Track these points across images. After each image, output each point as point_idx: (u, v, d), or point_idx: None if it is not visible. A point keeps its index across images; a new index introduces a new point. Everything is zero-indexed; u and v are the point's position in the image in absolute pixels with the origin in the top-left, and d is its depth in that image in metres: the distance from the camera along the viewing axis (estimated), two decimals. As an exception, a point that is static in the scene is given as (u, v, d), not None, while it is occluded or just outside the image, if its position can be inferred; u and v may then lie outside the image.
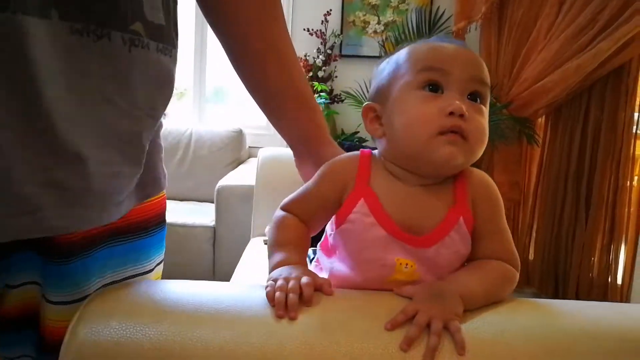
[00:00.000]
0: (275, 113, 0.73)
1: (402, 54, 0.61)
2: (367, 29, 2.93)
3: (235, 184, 2.40)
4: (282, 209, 0.65)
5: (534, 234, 2.77)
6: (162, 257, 0.70)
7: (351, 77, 2.90)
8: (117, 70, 0.49)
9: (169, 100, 0.58)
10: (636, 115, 2.48)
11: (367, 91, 2.91)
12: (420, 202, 0.58)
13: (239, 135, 2.91)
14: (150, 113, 0.55)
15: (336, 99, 2.88)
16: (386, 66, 0.63)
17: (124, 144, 0.53)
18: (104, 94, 0.48)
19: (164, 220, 0.68)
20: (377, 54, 2.92)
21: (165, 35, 0.54)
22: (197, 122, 3.10)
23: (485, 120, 0.57)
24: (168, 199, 0.70)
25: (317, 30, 2.87)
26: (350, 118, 2.88)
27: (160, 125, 0.64)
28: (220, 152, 2.85)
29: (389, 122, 0.60)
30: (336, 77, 2.94)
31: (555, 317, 0.53)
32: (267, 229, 0.68)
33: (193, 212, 2.52)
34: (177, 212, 2.47)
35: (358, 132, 2.86)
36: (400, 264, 0.57)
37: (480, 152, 0.57)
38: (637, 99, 2.47)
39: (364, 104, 0.63)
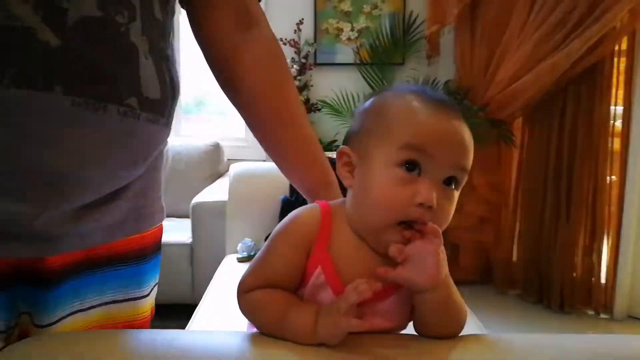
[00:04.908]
0: (288, 170, 0.78)
1: (389, 111, 0.55)
2: (340, 36, 2.91)
3: (209, 200, 2.36)
4: (244, 290, 0.56)
5: (516, 236, 2.76)
6: (157, 280, 0.74)
7: (327, 85, 2.88)
8: (106, 135, 0.53)
9: (150, 156, 0.62)
10: (612, 109, 2.46)
11: (344, 99, 2.90)
12: (380, 258, 0.55)
13: (216, 149, 2.87)
14: (122, 170, 0.59)
15: (312, 108, 2.86)
16: (369, 115, 0.58)
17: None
18: (90, 154, 0.52)
19: (159, 247, 0.73)
20: (352, 61, 2.90)
21: (159, 107, 0.59)
22: (173, 136, 3.06)
23: (452, 206, 0.54)
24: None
25: (291, 39, 2.85)
26: (328, 127, 2.85)
27: (161, 159, 0.68)
28: (198, 166, 2.82)
29: (358, 180, 0.56)
30: (312, 86, 2.92)
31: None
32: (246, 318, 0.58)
33: (170, 229, 2.46)
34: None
35: (336, 140, 2.83)
36: None
37: None
38: (614, 91, 2.44)
39: (340, 147, 0.59)
